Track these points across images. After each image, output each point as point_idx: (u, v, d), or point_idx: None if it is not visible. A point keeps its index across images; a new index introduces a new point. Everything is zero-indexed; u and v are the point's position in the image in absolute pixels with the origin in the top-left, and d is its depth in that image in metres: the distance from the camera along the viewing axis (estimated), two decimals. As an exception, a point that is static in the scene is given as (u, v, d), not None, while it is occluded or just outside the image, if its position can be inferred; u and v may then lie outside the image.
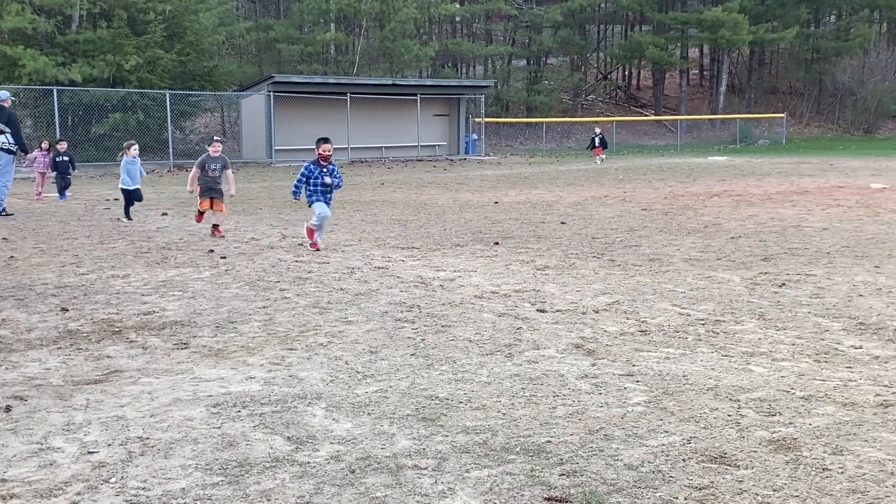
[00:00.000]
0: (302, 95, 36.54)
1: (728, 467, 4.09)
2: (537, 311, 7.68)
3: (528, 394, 5.26)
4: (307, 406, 5.04)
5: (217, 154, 12.84)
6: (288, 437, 4.52)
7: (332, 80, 38.93)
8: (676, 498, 3.75)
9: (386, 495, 3.80)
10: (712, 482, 3.91)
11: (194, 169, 12.87)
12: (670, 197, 19.24)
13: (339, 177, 11.48)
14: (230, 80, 40.77)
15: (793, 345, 6.43)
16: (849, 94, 56.70)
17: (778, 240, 12.10)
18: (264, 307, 7.85)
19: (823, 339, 6.57)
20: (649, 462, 4.15)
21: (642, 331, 6.91)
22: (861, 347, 6.34)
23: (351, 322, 7.23)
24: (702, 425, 4.67)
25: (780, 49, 60.60)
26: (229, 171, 13.05)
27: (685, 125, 52.93)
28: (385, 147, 39.15)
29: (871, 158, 34.84)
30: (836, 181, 23.22)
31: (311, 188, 11.26)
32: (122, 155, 15.37)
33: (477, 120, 43.67)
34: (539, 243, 12.01)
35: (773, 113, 54.32)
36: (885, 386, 5.38)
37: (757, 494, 3.78)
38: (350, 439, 4.49)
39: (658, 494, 3.79)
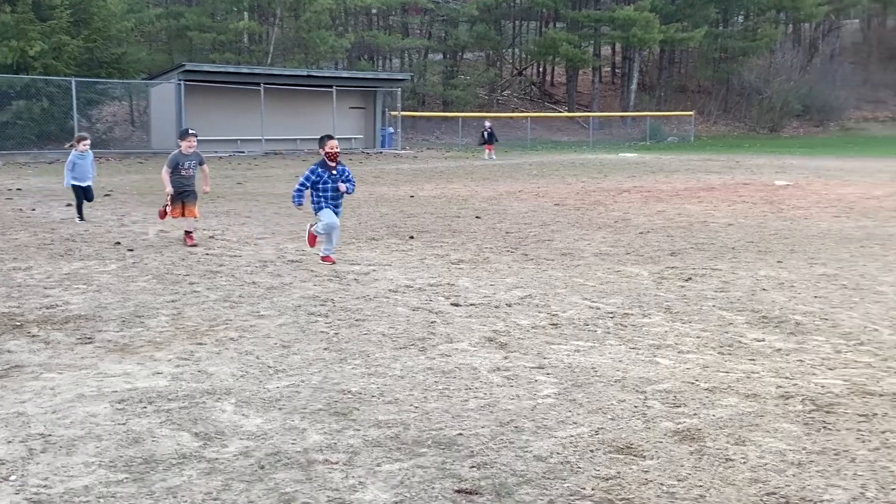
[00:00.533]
0: (214, 85, 35.92)
1: (634, 458, 4.17)
2: (451, 304, 7.71)
3: (440, 387, 5.28)
4: (216, 402, 4.96)
5: (192, 150, 11.15)
6: (196, 434, 4.44)
7: (245, 70, 38.38)
8: (584, 488, 3.81)
9: (296, 490, 3.77)
10: (619, 472, 3.99)
11: (165, 169, 11.11)
12: (582, 193, 19.52)
13: (353, 180, 9.90)
14: (139, 68, 39.81)
15: (698, 337, 6.59)
16: (755, 93, 58.34)
17: (685, 235, 12.39)
18: (173, 301, 7.70)
19: (727, 332, 6.75)
20: (558, 453, 4.21)
21: (553, 324, 7.00)
22: (763, 340, 6.53)
23: (263, 316, 7.15)
24: (609, 416, 4.76)
25: (690, 48, 61.95)
26: (206, 167, 11.51)
27: (597, 122, 53.75)
28: (300, 139, 38.73)
29: (775, 156, 35.92)
30: (742, 178, 23.87)
31: (320, 194, 9.61)
32: (72, 147, 13.65)
33: (393, 113, 43.56)
34: (454, 237, 12.05)
35: (683, 111, 55.55)
36: (786, 378, 5.55)
37: (662, 484, 3.87)
38: (260, 435, 4.43)
39: (566, 485, 3.84)
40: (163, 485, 3.82)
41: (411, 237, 12.03)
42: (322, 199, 9.58)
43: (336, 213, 9.68)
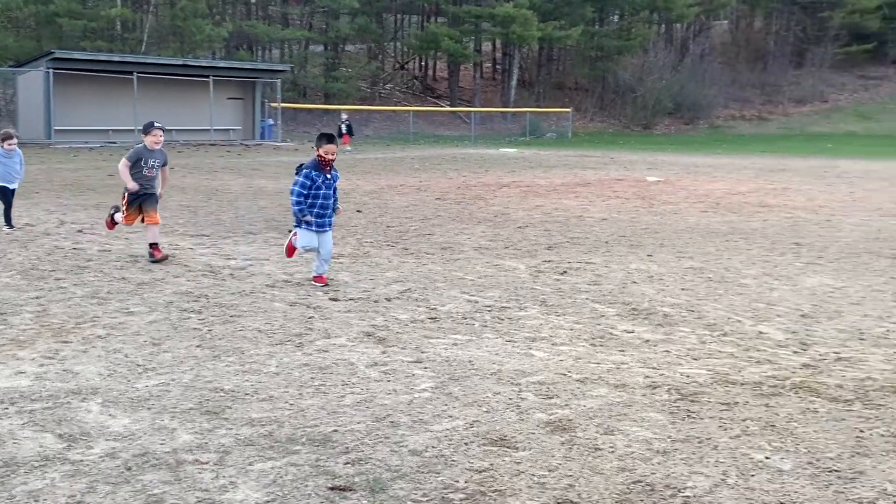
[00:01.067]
0: (85, 73, 34.68)
1: (507, 449, 4.23)
2: (330, 299, 7.66)
3: (316, 383, 5.24)
4: (82, 402, 4.79)
5: (158, 146, 9.46)
6: (59, 435, 4.28)
7: (117, 59, 37.22)
8: (458, 481, 3.84)
9: (164, 492, 3.68)
10: (492, 464, 4.04)
11: (124, 163, 9.32)
12: (463, 187, 19.68)
13: (336, 183, 8.34)
14: (6, 55, 38.15)
15: (571, 330, 6.73)
16: (629, 91, 59.96)
17: (561, 229, 12.64)
18: (37, 297, 7.40)
19: (599, 324, 6.92)
20: (433, 447, 4.23)
21: (432, 318, 7.04)
22: (633, 332, 6.73)
23: (133, 313, 6.94)
24: (484, 409, 4.82)
25: (567, 46, 63.14)
26: (167, 169, 9.76)
27: (479, 117, 54.24)
28: (175, 130, 37.71)
29: (648, 153, 36.99)
30: (616, 174, 24.50)
31: (308, 201, 8.10)
32: None
33: (273, 105, 42.95)
34: (334, 231, 11.94)
35: (561, 108, 56.63)
36: (653, 368, 5.73)
37: (533, 475, 3.94)
38: (127, 435, 4.31)
39: (440, 479, 3.87)
40: (24, 488, 3.67)
41: (290, 231, 11.88)
42: (309, 209, 8.09)
43: (326, 225, 8.23)
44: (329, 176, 8.10)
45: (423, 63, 66.77)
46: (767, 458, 4.21)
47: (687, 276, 9.09)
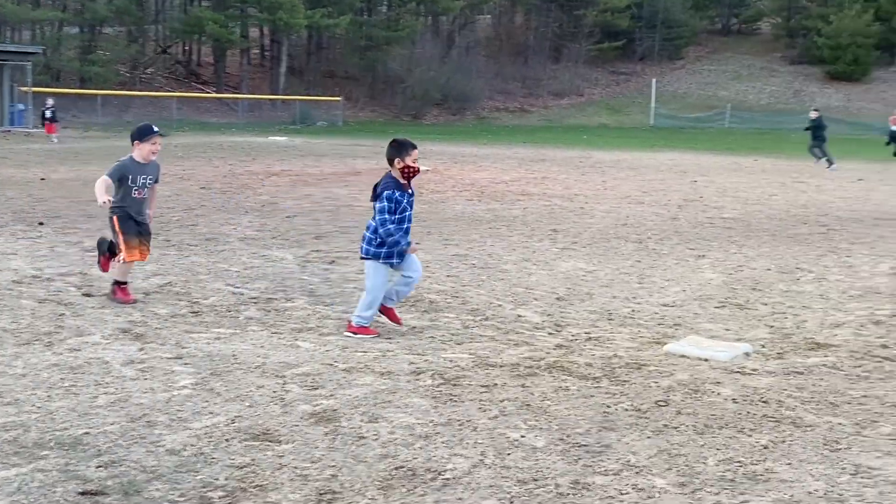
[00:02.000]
0: None
1: (270, 443, 4.18)
2: (83, 295, 7.29)
3: (67, 384, 4.96)
4: None
5: (155, 156, 7.28)
6: None
7: None
8: (217, 479, 3.76)
9: None
10: (254, 460, 3.98)
11: (102, 181, 7.05)
12: (230, 176, 19.24)
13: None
14: None
15: (339, 319, 6.75)
16: (399, 81, 60.72)
17: (331, 218, 12.63)
18: None
19: (366, 313, 6.97)
20: (192, 445, 4.12)
21: (194, 312, 6.85)
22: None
23: None
24: (247, 404, 4.74)
25: (337, 35, 63.02)
26: (156, 186, 7.56)
27: (247, 104, 53.18)
28: None
29: (417, 142, 37.50)
30: (385, 163, 24.73)
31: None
32: None
33: (23, 89, 40.13)
34: (89, 223, 11.35)
35: (331, 96, 56.48)
36: (418, 354, 5.85)
37: (296, 468, 3.91)
38: None
39: (199, 477, 3.77)
40: None
41: (41, 223, 11.18)
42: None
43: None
44: (411, 191, 6.62)
45: (186, 48, 64.54)
46: (523, 436, 4.40)
47: (452, 263, 9.34)
